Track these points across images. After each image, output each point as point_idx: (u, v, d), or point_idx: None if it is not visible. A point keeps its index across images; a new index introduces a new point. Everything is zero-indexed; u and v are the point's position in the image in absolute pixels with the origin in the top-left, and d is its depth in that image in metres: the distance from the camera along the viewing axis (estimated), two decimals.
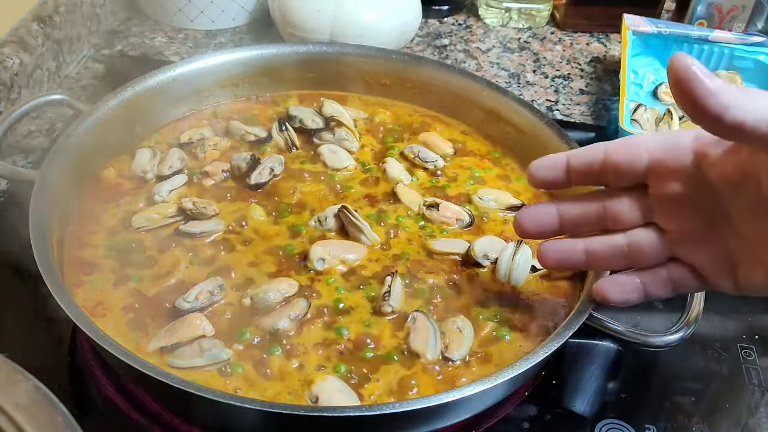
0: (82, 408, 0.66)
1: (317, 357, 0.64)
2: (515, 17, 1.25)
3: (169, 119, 0.88)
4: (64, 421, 0.43)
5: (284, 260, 0.73)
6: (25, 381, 0.45)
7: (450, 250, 0.75)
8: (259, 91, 0.93)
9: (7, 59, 0.92)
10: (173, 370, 0.62)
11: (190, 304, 0.66)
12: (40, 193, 0.69)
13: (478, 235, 0.77)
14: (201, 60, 0.89)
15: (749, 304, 0.80)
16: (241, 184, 0.81)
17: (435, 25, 1.25)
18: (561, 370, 0.71)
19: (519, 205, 0.81)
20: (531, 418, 0.67)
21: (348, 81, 0.95)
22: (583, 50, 1.22)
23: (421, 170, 0.85)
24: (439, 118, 0.93)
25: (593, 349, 0.73)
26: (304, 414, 0.55)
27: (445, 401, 0.56)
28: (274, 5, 1.10)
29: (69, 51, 1.06)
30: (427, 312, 0.68)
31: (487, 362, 0.66)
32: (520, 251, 0.73)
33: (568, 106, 1.09)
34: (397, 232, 0.77)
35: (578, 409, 0.69)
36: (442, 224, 0.78)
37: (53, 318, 0.71)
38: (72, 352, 0.69)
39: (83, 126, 0.77)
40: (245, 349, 0.64)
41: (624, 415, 0.68)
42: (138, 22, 1.19)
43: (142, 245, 0.73)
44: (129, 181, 0.80)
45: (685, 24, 1.16)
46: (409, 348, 0.65)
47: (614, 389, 0.71)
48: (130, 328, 0.65)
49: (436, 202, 0.79)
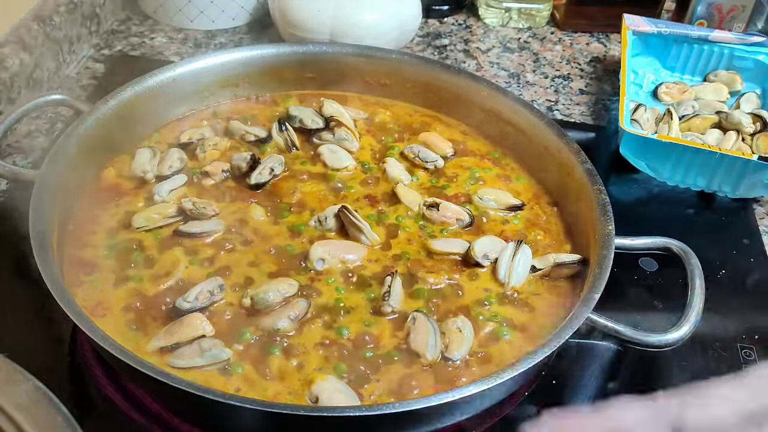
0: (82, 408, 0.66)
1: (317, 357, 0.64)
2: (515, 17, 1.25)
3: (169, 119, 0.88)
4: (64, 421, 0.43)
5: (284, 260, 0.73)
6: (25, 381, 0.45)
7: (450, 250, 0.75)
8: (259, 91, 0.93)
9: (7, 59, 0.92)
10: (173, 370, 0.62)
11: (190, 304, 0.66)
12: (40, 193, 0.69)
13: (478, 235, 0.77)
14: (201, 60, 0.88)
15: (749, 304, 0.80)
16: (241, 184, 0.81)
17: (435, 25, 1.25)
18: (561, 370, 0.71)
19: (519, 205, 0.81)
20: (531, 418, 0.67)
21: (348, 81, 0.95)
22: (583, 50, 1.22)
23: (421, 170, 0.85)
24: (439, 118, 0.93)
25: (593, 349, 0.73)
26: (304, 414, 0.55)
27: (445, 401, 0.56)
28: (274, 5, 1.10)
29: (69, 51, 1.06)
30: (427, 312, 0.68)
31: (487, 362, 0.66)
32: (520, 251, 0.73)
33: (567, 106, 1.09)
34: (397, 232, 0.77)
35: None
36: (442, 224, 0.78)
37: (53, 318, 0.71)
38: (72, 352, 0.69)
39: (83, 126, 0.77)
40: (245, 349, 0.64)
41: None
42: (138, 22, 1.19)
43: (142, 245, 0.73)
44: (129, 181, 0.80)
45: (685, 24, 1.16)
46: (409, 348, 0.65)
47: (614, 389, 0.71)
48: (129, 328, 0.65)
49: (436, 202, 0.79)
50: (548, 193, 0.84)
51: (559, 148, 0.82)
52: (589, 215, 0.75)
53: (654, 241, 0.73)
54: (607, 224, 0.72)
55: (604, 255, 0.69)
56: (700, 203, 0.93)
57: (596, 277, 0.67)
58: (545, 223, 0.80)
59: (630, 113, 0.97)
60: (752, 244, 0.87)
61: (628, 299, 0.79)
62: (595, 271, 0.68)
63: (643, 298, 0.79)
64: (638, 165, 0.94)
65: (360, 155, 0.86)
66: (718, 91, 1.07)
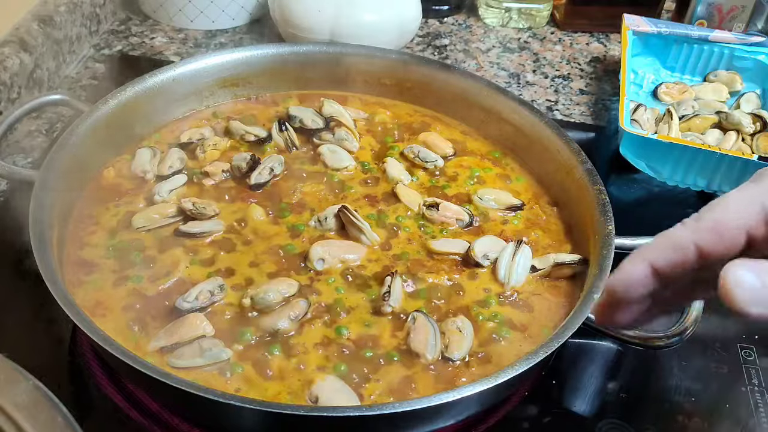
0: (82, 408, 0.66)
1: (317, 357, 0.64)
2: (515, 17, 1.25)
3: (169, 119, 0.88)
4: (64, 421, 0.43)
5: (284, 260, 0.73)
6: (25, 381, 0.45)
7: (450, 250, 0.75)
8: (259, 91, 0.93)
9: (7, 59, 0.92)
10: (173, 370, 0.62)
11: (190, 304, 0.66)
12: (40, 193, 0.69)
13: (478, 235, 0.77)
14: (201, 60, 0.89)
15: None
16: (241, 184, 0.81)
17: (435, 25, 1.25)
18: (561, 370, 0.71)
19: (519, 205, 0.81)
20: (531, 418, 0.67)
21: (348, 81, 0.95)
22: (582, 50, 1.22)
23: (421, 170, 0.85)
24: (439, 118, 0.93)
25: (593, 349, 0.73)
26: (304, 414, 0.55)
27: (445, 401, 0.56)
28: (274, 5, 1.10)
29: (69, 51, 1.06)
30: (427, 312, 0.68)
31: (487, 362, 0.66)
32: (520, 251, 0.73)
33: (567, 106, 1.09)
34: (397, 232, 0.77)
35: (578, 409, 0.69)
36: (442, 224, 0.78)
37: (53, 318, 0.71)
38: (72, 352, 0.69)
39: (83, 126, 0.77)
40: (245, 350, 0.64)
41: (624, 415, 0.68)
42: (138, 22, 1.19)
43: (142, 245, 0.73)
44: (129, 181, 0.80)
45: (685, 24, 1.16)
46: (409, 348, 0.65)
47: (614, 389, 0.71)
48: (130, 328, 0.65)
49: (436, 202, 0.79)
50: (548, 193, 0.84)
51: (559, 148, 0.82)
52: (589, 215, 0.75)
53: None
54: (607, 224, 0.72)
55: (604, 255, 0.69)
56: (699, 203, 0.93)
57: (596, 277, 0.67)
58: (545, 223, 0.80)
59: (630, 113, 0.97)
60: None
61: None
62: (595, 271, 0.68)
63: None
64: (638, 165, 0.94)
65: (360, 155, 0.86)
66: (718, 91, 1.07)
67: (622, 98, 0.95)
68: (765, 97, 1.07)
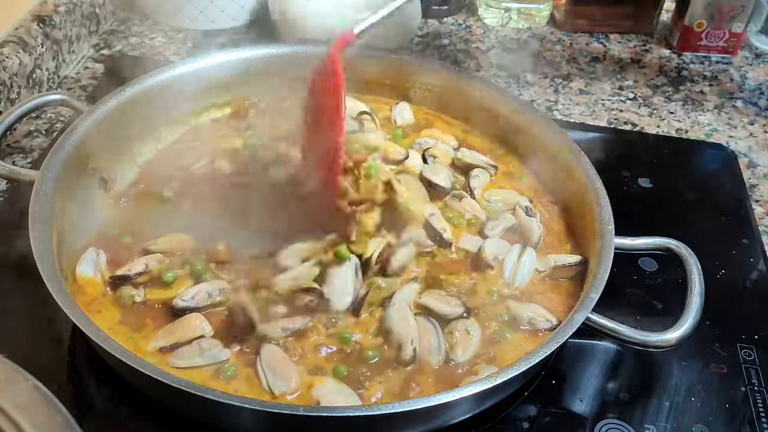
0: (82, 408, 0.66)
1: (317, 359, 0.64)
2: (515, 17, 1.25)
3: (169, 119, 0.88)
4: (64, 421, 0.43)
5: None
6: (25, 381, 0.45)
7: (466, 247, 0.75)
8: (258, 92, 0.93)
9: (7, 59, 0.92)
10: (173, 370, 0.62)
11: (185, 303, 0.66)
12: (40, 193, 0.69)
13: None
14: (201, 60, 0.88)
15: (749, 304, 0.80)
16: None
17: (435, 25, 1.25)
18: (561, 370, 0.71)
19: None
20: (531, 418, 0.67)
21: (348, 81, 0.94)
22: (582, 50, 1.22)
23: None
24: (439, 117, 0.93)
25: (593, 349, 0.73)
26: (304, 414, 0.55)
27: (445, 401, 0.56)
28: (274, 5, 1.10)
29: (69, 51, 1.06)
30: (428, 312, 0.68)
31: (489, 362, 0.66)
32: (525, 253, 0.73)
33: (567, 106, 1.09)
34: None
35: (578, 409, 0.69)
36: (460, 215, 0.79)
37: (53, 318, 0.71)
38: (72, 352, 0.69)
39: (83, 126, 0.77)
40: (245, 350, 0.64)
41: (624, 415, 0.68)
42: (138, 22, 1.19)
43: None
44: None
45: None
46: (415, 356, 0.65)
47: (614, 389, 0.70)
48: (129, 328, 0.65)
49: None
50: (549, 192, 0.84)
51: (559, 148, 0.82)
52: (589, 215, 0.75)
53: (654, 241, 0.73)
54: (607, 224, 0.72)
55: (604, 255, 0.69)
56: (699, 203, 0.93)
57: (596, 277, 0.67)
58: (547, 221, 0.80)
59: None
60: (751, 244, 0.87)
61: (628, 299, 0.79)
62: (595, 271, 0.68)
63: (642, 298, 0.79)
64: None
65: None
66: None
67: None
68: None
